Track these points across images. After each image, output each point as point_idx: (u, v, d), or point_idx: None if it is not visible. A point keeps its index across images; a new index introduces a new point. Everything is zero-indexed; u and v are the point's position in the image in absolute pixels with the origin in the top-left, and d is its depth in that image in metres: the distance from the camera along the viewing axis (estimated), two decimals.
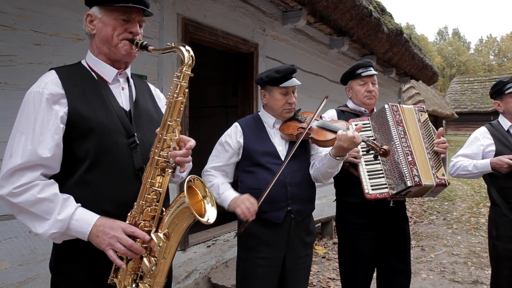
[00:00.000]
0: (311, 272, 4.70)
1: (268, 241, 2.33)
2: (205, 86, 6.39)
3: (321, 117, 2.52)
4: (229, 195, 2.27)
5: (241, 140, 2.39)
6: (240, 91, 4.91)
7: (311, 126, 2.33)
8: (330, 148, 2.29)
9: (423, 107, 2.71)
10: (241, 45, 4.41)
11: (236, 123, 2.47)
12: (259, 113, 2.54)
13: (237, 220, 2.45)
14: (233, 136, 2.41)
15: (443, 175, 2.47)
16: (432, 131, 2.61)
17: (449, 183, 2.50)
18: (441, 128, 2.60)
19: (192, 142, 1.53)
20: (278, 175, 2.23)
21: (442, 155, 2.53)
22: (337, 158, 2.23)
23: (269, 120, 2.45)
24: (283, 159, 2.34)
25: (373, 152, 2.26)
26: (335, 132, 2.27)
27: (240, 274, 2.43)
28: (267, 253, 2.33)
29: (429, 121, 2.64)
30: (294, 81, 2.37)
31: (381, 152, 2.21)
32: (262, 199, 2.19)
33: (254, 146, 2.37)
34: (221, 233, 4.36)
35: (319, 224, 6.12)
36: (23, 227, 2.47)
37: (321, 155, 2.44)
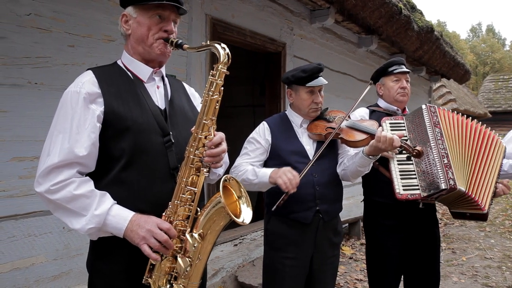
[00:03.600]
0: (338, 273, 4.66)
1: (296, 241, 2.33)
2: (232, 86, 6.41)
3: (349, 117, 2.49)
4: (267, 170, 2.22)
5: (269, 139, 2.38)
6: (267, 90, 4.91)
7: (340, 126, 2.32)
8: (360, 148, 2.27)
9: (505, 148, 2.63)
10: (268, 44, 4.42)
11: (263, 122, 2.47)
12: (286, 112, 2.53)
13: (267, 212, 2.44)
14: (262, 134, 2.40)
15: (489, 208, 2.43)
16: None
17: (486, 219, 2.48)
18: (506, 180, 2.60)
19: (215, 138, 1.48)
20: (311, 163, 2.23)
21: (497, 192, 2.51)
22: (370, 157, 2.21)
23: (296, 119, 2.44)
24: (311, 158, 2.33)
25: (405, 152, 2.23)
26: (365, 132, 2.26)
27: (267, 274, 2.42)
28: (294, 253, 2.33)
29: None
30: (321, 81, 2.34)
31: (414, 153, 2.19)
32: (303, 174, 2.18)
33: (282, 145, 2.36)
34: (248, 232, 4.38)
35: (347, 224, 6.06)
36: (58, 223, 2.56)
37: (349, 153, 2.42)
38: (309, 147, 2.38)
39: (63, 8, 2.59)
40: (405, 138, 2.51)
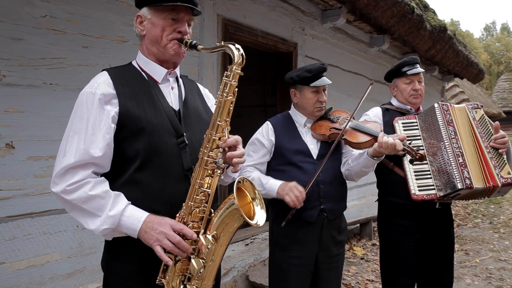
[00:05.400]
0: (349, 273, 4.65)
1: (301, 240, 2.34)
2: (243, 86, 6.42)
3: (353, 118, 2.49)
4: (274, 183, 2.25)
5: (273, 139, 2.40)
6: (279, 90, 4.92)
7: (345, 127, 2.33)
8: (364, 149, 2.29)
9: (477, 104, 2.57)
10: (280, 44, 4.42)
11: (267, 122, 2.48)
12: (289, 111, 2.54)
13: (272, 211, 2.45)
14: (265, 135, 2.41)
15: (509, 173, 2.35)
16: (490, 127, 2.48)
17: None
18: (497, 122, 2.46)
19: (230, 140, 1.49)
20: (320, 169, 2.24)
21: (500, 150, 2.40)
22: (375, 158, 2.23)
23: (300, 119, 2.46)
24: (315, 157, 2.35)
25: (409, 156, 2.24)
26: (368, 134, 2.29)
27: (274, 274, 2.43)
28: (300, 252, 2.34)
29: (486, 118, 2.50)
30: (325, 80, 2.37)
31: (417, 156, 2.20)
32: (309, 187, 2.21)
33: (286, 145, 2.37)
34: (259, 232, 4.39)
35: (358, 225, 6.03)
36: (72, 221, 2.60)
37: (353, 153, 2.44)
38: (313, 146, 2.39)
39: (78, 10, 2.63)
40: (418, 137, 2.50)
